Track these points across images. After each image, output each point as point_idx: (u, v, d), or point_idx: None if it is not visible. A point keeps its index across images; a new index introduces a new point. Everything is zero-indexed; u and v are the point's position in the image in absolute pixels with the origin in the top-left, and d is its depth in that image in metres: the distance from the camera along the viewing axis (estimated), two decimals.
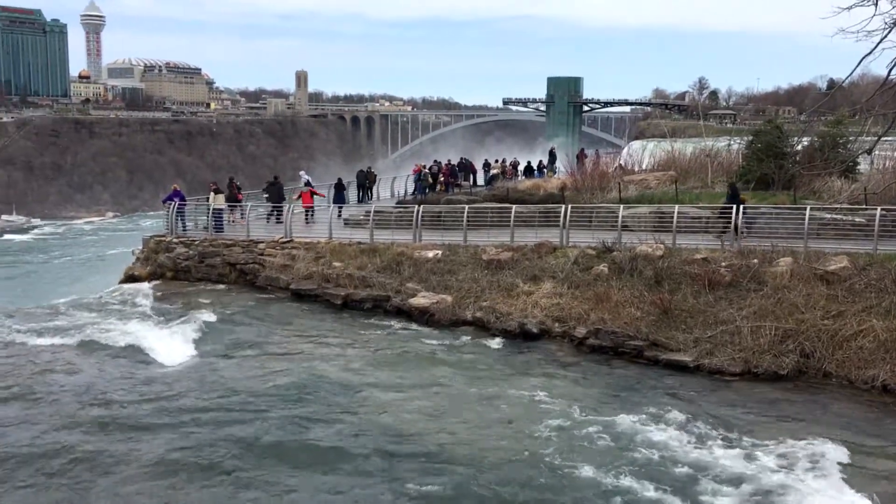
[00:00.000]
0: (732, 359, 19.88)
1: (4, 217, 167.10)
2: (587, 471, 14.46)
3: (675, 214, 26.46)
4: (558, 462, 14.85)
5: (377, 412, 17.39)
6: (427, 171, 44.71)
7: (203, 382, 19.25)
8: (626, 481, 14.06)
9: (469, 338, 23.09)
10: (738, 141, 43.63)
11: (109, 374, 19.96)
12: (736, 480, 14.07)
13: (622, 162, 47.33)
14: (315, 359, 21.08)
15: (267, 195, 36.72)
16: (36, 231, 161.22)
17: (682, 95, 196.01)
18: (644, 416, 16.94)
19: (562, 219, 27.52)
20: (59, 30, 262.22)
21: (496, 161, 54.02)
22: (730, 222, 26.09)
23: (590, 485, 14.05)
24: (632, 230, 27.55)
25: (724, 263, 23.72)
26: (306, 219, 34.78)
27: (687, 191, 34.97)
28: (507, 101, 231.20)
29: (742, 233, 26.14)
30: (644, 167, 45.62)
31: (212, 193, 33.91)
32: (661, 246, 25.27)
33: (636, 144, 64.95)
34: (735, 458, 14.94)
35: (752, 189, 32.82)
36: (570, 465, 14.70)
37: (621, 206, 28.92)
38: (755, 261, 23.56)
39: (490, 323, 23.61)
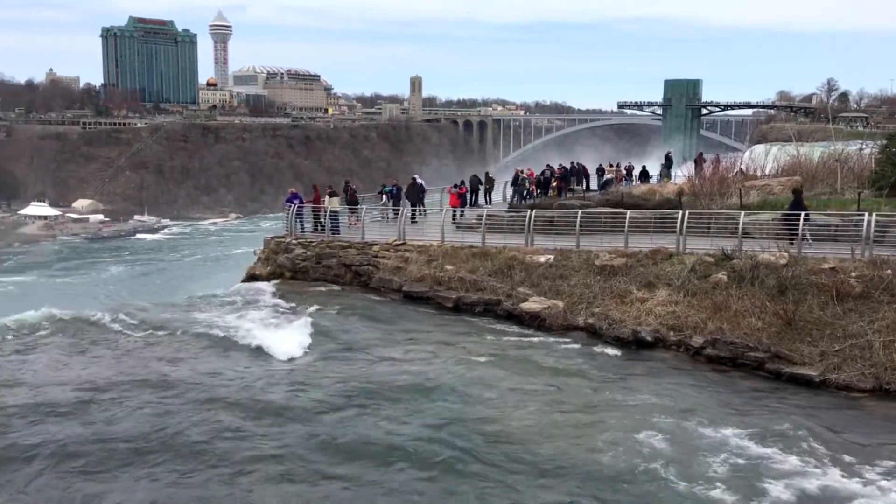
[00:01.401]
0: (862, 374, 18.81)
1: (137, 217, 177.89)
2: (700, 489, 13.99)
3: (801, 222, 25.29)
4: (672, 478, 14.41)
5: (485, 417, 17.39)
6: (524, 175, 44.42)
7: (316, 380, 19.80)
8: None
9: (580, 344, 22.79)
10: (871, 145, 41.26)
11: (229, 368, 20.85)
12: None
13: (743, 166, 45.48)
14: (424, 361, 21.31)
15: (406, 196, 37.75)
16: (165, 231, 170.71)
17: (808, 98, 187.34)
18: (765, 433, 16.24)
19: (678, 224, 26.77)
20: (189, 39, 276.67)
21: (610, 165, 53.12)
22: (794, 229, 25.43)
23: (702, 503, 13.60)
24: (753, 237, 26.51)
25: (854, 274, 22.48)
26: (454, 218, 35.12)
27: (814, 197, 33.32)
28: (622, 105, 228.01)
29: (807, 240, 25.27)
30: (767, 172, 43.70)
31: (326, 196, 34.84)
32: (785, 254, 24.22)
33: (759, 148, 62.39)
34: (863, 485, 14.09)
35: (885, 195, 30.97)
36: (683, 482, 14.27)
37: (742, 212, 27.88)
38: (888, 272, 22.21)
39: (602, 329, 23.26)
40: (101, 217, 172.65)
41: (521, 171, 45.00)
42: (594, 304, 24.44)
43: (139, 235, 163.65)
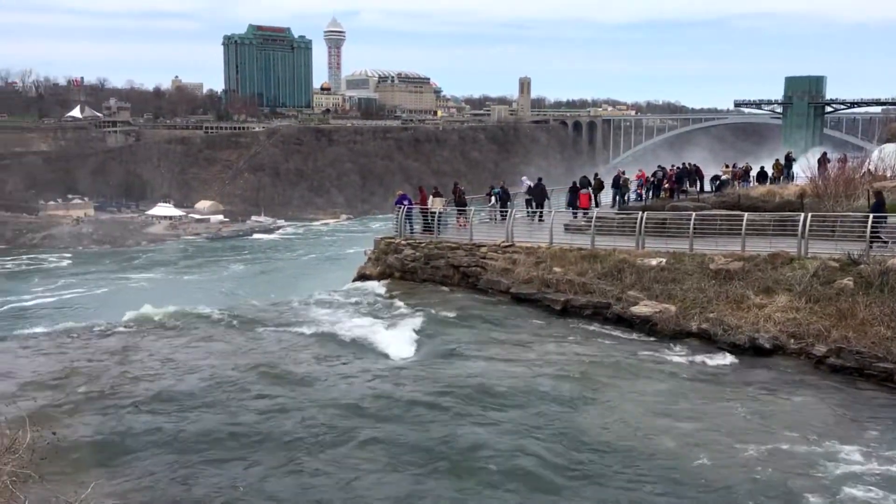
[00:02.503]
0: None
1: (254, 218, 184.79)
2: None
3: None
4: (796, 494, 13.79)
5: (592, 424, 17.10)
6: (626, 177, 43.54)
7: (423, 380, 20.00)
8: None
9: (693, 350, 22.12)
10: None
11: (339, 365, 21.40)
12: None
13: (871, 167, 43.04)
14: (532, 364, 21.15)
15: (529, 196, 38.07)
16: (280, 231, 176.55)
17: None
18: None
19: (800, 228, 25.59)
20: (304, 46, 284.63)
21: (725, 166, 51.29)
22: (873, 232, 24.40)
23: None
24: (883, 241, 25.04)
25: None
26: (575, 218, 35.11)
27: None
28: (738, 104, 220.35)
29: (886, 243, 24.07)
30: None
31: (431, 197, 35.18)
32: None
33: (889, 147, 58.79)
34: None
35: None
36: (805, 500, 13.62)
37: (871, 214, 26.38)
38: None
39: (717, 335, 22.49)
40: (221, 217, 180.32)
41: (623, 173, 44.30)
42: (708, 308, 23.67)
43: (256, 235, 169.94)
